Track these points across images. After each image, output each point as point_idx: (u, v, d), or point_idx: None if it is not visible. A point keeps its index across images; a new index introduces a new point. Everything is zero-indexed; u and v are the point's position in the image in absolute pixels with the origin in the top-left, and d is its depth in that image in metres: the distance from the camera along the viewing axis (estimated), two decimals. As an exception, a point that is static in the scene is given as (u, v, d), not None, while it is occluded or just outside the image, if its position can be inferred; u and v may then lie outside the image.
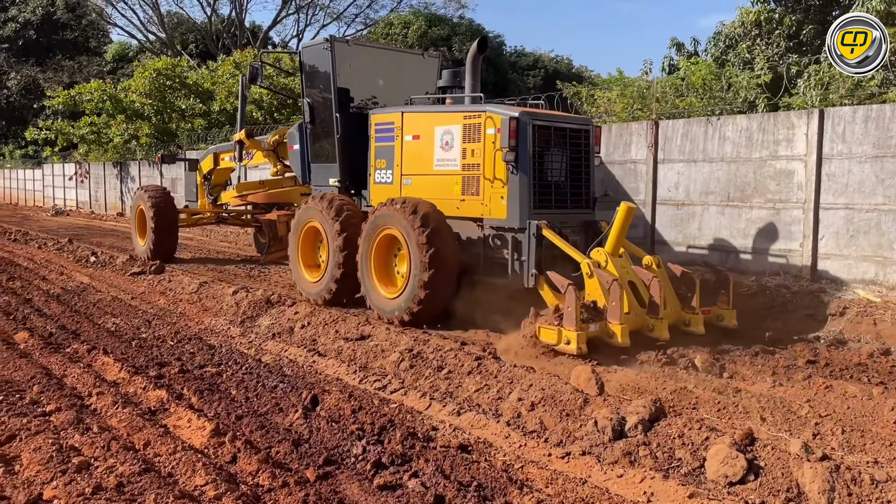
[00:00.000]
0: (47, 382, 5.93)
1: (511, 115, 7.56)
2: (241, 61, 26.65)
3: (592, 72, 52.31)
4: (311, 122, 9.98)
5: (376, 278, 8.34)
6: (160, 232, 12.73)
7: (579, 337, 6.34)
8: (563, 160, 8.13)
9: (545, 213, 7.78)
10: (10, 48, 41.67)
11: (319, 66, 9.84)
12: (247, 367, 6.64)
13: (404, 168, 8.82)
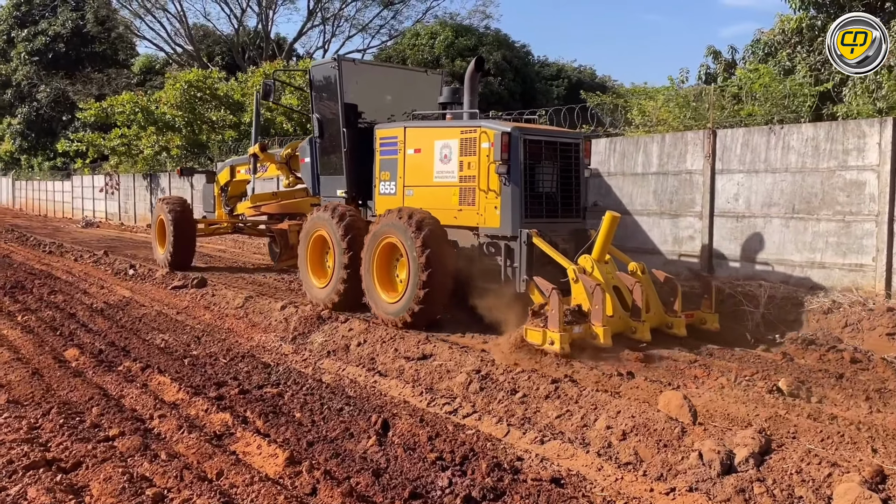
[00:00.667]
0: (106, 404, 5.71)
1: (503, 130, 7.99)
2: (271, 72, 26.70)
3: (616, 81, 52.05)
4: (320, 137, 10.46)
5: (378, 284, 8.73)
6: (178, 240, 13.24)
7: (562, 338, 6.74)
8: (553, 172, 8.54)
9: (536, 222, 8.17)
10: (40, 61, 42.09)
11: (328, 83, 10.30)
12: (307, 387, 6.39)
13: (407, 180, 9.29)
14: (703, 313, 8.16)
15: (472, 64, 9.38)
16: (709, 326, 8.06)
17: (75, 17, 41.45)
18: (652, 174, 10.99)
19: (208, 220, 14.56)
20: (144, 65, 43.71)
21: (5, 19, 44.24)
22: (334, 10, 43.97)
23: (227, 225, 14.43)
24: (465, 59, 37.66)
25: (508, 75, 38.04)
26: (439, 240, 8.15)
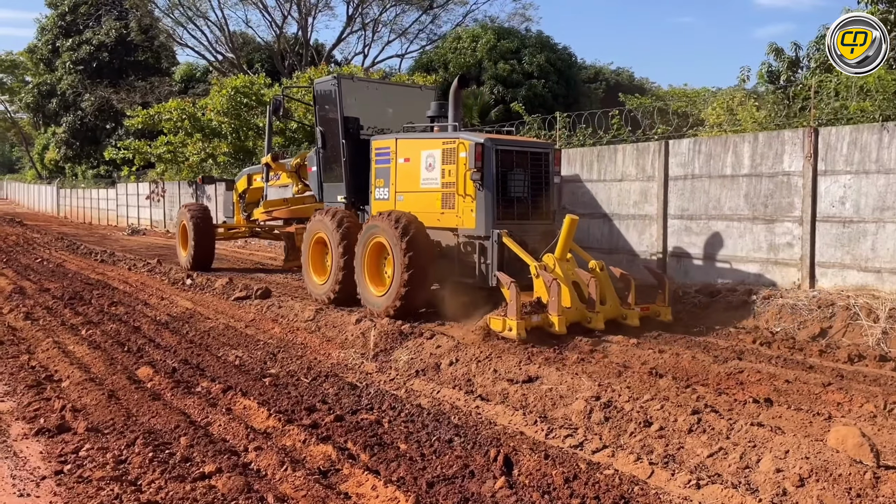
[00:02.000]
0: (193, 433, 5.20)
1: (477, 141, 8.96)
2: (316, 77, 26.41)
3: (654, 84, 51.00)
4: (323, 148, 11.30)
5: (368, 279, 9.66)
6: (199, 244, 14.38)
7: (519, 325, 7.58)
8: (525, 179, 9.40)
9: (508, 223, 9.05)
10: (85, 70, 42.49)
11: (329, 98, 11.18)
12: (405, 413, 5.81)
13: (398, 186, 10.20)
14: (658, 306, 9.10)
15: (455, 81, 10.19)
16: (663, 318, 8.97)
17: (119, 26, 41.77)
18: (743, 176, 10.25)
19: (227, 224, 15.82)
20: (186, 73, 43.89)
21: (50, 29, 44.81)
22: (373, 16, 43.72)
23: (245, 229, 15.54)
24: (507, 61, 37.06)
25: (552, 78, 37.32)
26: (421, 240, 9.04)
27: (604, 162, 12.25)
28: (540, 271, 8.32)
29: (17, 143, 79.38)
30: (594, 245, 12.39)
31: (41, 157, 54.78)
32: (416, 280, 8.90)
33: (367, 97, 11.64)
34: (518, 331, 7.55)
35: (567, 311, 8.13)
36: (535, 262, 8.43)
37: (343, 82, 10.99)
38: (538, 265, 8.41)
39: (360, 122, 11.03)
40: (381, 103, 11.90)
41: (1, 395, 6.43)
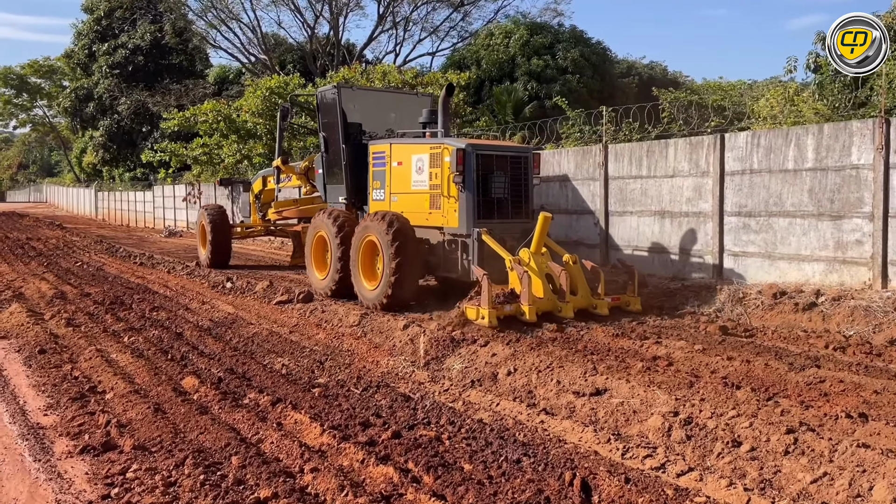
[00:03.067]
0: (245, 452, 4.90)
1: (459, 147, 9.59)
2: (350, 77, 26.20)
3: (688, 77, 49.93)
4: (326, 152, 11.95)
5: (362, 275, 10.28)
6: (216, 243, 15.40)
7: (490, 314, 8.23)
8: (505, 180, 10.02)
9: (489, 222, 9.68)
10: (121, 74, 42.91)
11: (330, 106, 11.79)
12: (466, 429, 5.45)
13: (392, 188, 10.86)
14: (628, 297, 9.67)
15: (444, 90, 10.75)
16: (632, 308, 9.53)
17: (153, 29, 42.08)
18: (807, 170, 9.69)
19: (244, 223, 16.85)
20: (219, 75, 44.11)
21: (87, 34, 45.36)
22: (404, 15, 43.45)
23: (261, 228, 16.52)
24: (540, 57, 36.50)
25: (587, 73, 36.66)
26: (407, 237, 9.69)
27: (654, 157, 11.75)
28: (514, 265, 8.86)
29: (55, 148, 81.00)
30: (643, 245, 11.92)
31: (79, 160, 55.65)
32: (404, 275, 9.55)
33: (370, 103, 12.61)
34: (490, 319, 8.21)
35: (539, 301, 8.74)
36: (509, 257, 8.99)
37: (343, 91, 11.78)
38: (513, 259, 8.95)
39: (364, 126, 11.74)
40: (383, 109, 12.70)
41: (44, 408, 6.22)
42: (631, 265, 10.22)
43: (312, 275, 11.67)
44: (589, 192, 12.89)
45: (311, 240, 11.69)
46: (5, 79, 66.35)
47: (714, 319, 9.13)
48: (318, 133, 12.35)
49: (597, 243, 12.74)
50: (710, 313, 9.47)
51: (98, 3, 44.13)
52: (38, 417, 5.98)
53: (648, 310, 9.64)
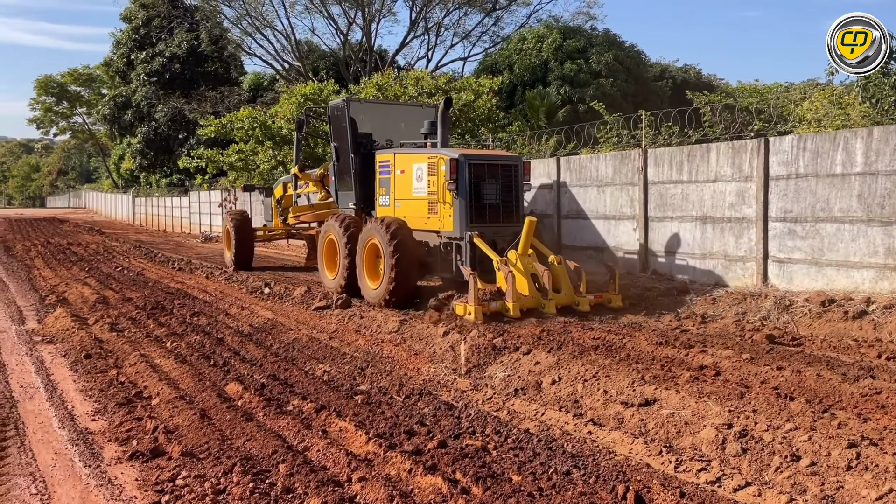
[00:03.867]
0: (292, 460, 4.89)
1: (452, 157, 10.33)
2: (384, 83, 26.30)
3: (722, 80, 49.22)
4: (337, 160, 12.81)
5: (366, 274, 11.06)
6: (239, 245, 16.54)
7: (477, 310, 8.95)
8: (496, 187, 10.71)
9: (481, 226, 10.39)
10: (158, 81, 43.66)
11: (340, 118, 12.58)
12: (512, 438, 5.38)
13: (396, 194, 11.63)
14: (609, 295, 10.26)
15: (442, 103, 11.56)
16: (614, 304, 10.13)
17: (190, 37, 42.75)
18: (856, 175, 9.44)
19: (267, 227, 17.78)
20: (253, 82, 44.63)
21: (125, 43, 46.25)
22: (436, 20, 43.53)
23: (282, 231, 17.46)
24: (573, 61, 36.27)
25: (621, 76, 36.34)
26: (405, 240, 10.35)
27: (695, 162, 11.56)
28: (500, 265, 9.58)
29: (94, 154, 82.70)
30: (685, 250, 11.72)
31: (117, 166, 56.77)
32: (402, 275, 10.22)
33: (380, 115, 13.68)
34: (476, 315, 8.93)
35: (523, 299, 9.44)
36: (497, 258, 9.69)
37: (354, 103, 12.78)
38: (500, 260, 9.65)
39: (375, 136, 12.60)
40: (393, 120, 13.55)
41: (92, 413, 6.30)
42: (612, 265, 10.82)
43: (324, 275, 12.55)
44: (627, 198, 12.73)
45: (322, 243, 12.55)
46: (46, 87, 67.91)
47: (760, 328, 8.92)
48: (331, 143, 13.24)
49: (635, 249, 12.57)
50: (756, 321, 9.26)
51: (136, 12, 44.99)
52: (87, 422, 6.04)
53: (686, 318, 9.47)
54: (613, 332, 8.50)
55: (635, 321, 9.43)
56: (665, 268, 12.07)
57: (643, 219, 12.37)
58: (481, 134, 23.09)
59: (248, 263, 16.74)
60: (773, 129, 11.49)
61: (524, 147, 17.63)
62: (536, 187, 14.63)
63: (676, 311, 10.05)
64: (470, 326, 8.69)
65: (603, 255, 13.25)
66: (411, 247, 10.43)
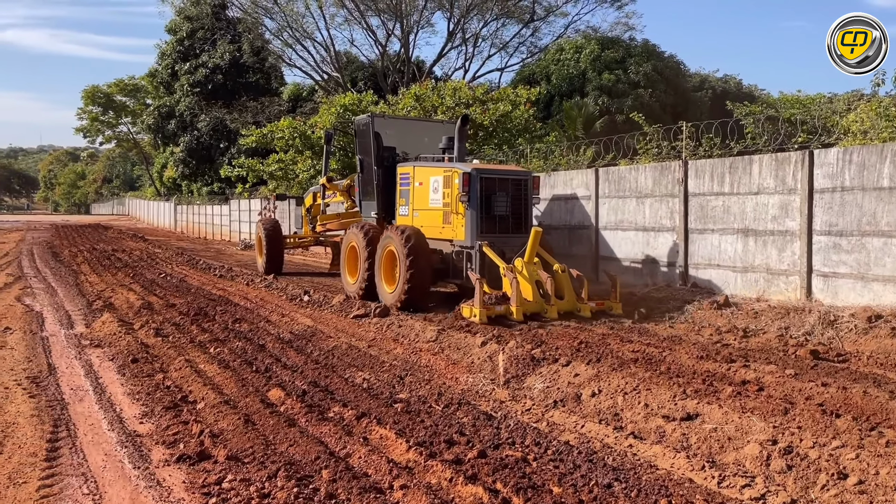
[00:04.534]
0: (335, 466, 4.96)
1: (465, 171, 11.03)
2: (422, 94, 26.51)
3: (763, 91, 48.47)
4: (361, 172, 13.70)
5: (383, 279, 11.71)
6: (270, 252, 17.44)
7: (481, 312, 9.64)
8: (507, 200, 11.38)
9: (491, 236, 11.08)
10: (201, 92, 44.63)
11: (365, 133, 13.41)
12: (552, 450, 5.38)
13: (414, 205, 12.35)
14: (611, 302, 10.83)
15: (459, 119, 12.25)
16: (614, 311, 10.70)
17: (232, 49, 43.64)
18: (904, 188, 9.25)
19: (297, 235, 19.01)
20: (293, 92, 45.36)
21: (170, 54, 47.39)
22: (473, 31, 43.70)
23: (311, 239, 18.38)
24: (611, 71, 36.12)
25: (660, 87, 36.07)
26: (420, 248, 11.02)
27: (737, 173, 11.43)
28: (506, 272, 10.19)
29: (137, 162, 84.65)
30: (726, 263, 11.58)
31: (160, 175, 58.06)
32: (416, 280, 10.87)
33: (405, 130, 14.37)
34: (480, 317, 9.64)
35: (526, 303, 10.05)
36: (503, 265, 10.33)
37: (376, 119, 13.45)
38: (506, 267, 10.27)
39: (399, 150, 13.25)
40: (416, 134, 14.26)
41: (140, 416, 6.46)
42: (614, 275, 11.30)
43: (345, 279, 13.23)
44: (667, 209, 12.63)
45: (344, 249, 13.26)
46: (93, 97, 69.81)
47: (804, 343, 8.77)
48: (356, 156, 14.12)
49: (675, 261, 12.45)
50: (800, 336, 9.11)
51: (181, 24, 46.09)
52: (135, 425, 6.21)
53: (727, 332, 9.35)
54: (653, 345, 8.44)
55: (675, 334, 9.35)
56: (705, 280, 11.93)
57: (683, 231, 12.26)
58: (518, 144, 23.11)
59: (279, 269, 17.59)
60: (817, 140, 11.31)
61: (561, 158, 17.60)
62: (575, 198, 14.61)
63: (717, 324, 9.93)
64: (508, 337, 8.72)
65: (641, 268, 13.15)
66: (425, 254, 11.08)
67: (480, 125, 24.75)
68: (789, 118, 13.71)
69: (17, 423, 6.22)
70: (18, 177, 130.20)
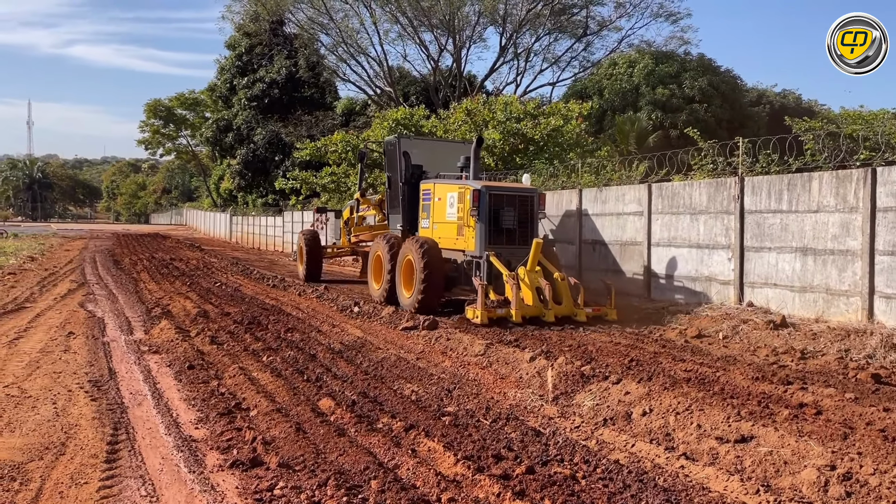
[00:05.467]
0: (384, 477, 5.01)
1: (475, 188, 12.20)
2: (473, 108, 26.65)
3: (824, 106, 47.17)
4: (389, 188, 15.28)
5: (402, 285, 12.90)
6: (310, 261, 19.09)
7: (482, 314, 10.78)
8: (514, 215, 12.48)
9: (498, 247, 12.10)
10: (258, 106, 45.77)
11: (393, 152, 14.84)
12: (601, 468, 5.33)
13: (434, 218, 13.59)
14: (607, 309, 11.73)
15: (475, 140, 13.72)
16: (610, 317, 11.62)
17: (288, 64, 44.67)
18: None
19: (336, 245, 20.61)
20: (346, 106, 46.10)
21: (229, 69, 48.79)
22: (526, 46, 43.74)
23: (348, 249, 19.78)
24: (666, 86, 35.70)
25: (716, 102, 35.51)
26: (434, 258, 12.14)
27: (795, 191, 11.16)
28: (508, 278, 11.26)
29: (195, 174, 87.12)
30: (782, 282, 11.29)
31: (217, 186, 59.65)
32: (430, 287, 11.99)
33: (431, 149, 15.73)
34: (482, 318, 10.77)
35: (526, 307, 11.13)
36: (507, 272, 11.41)
37: (402, 140, 14.97)
38: (508, 274, 11.33)
39: (427, 168, 14.34)
40: (443, 153, 15.36)
41: (195, 421, 6.63)
42: (610, 283, 12.21)
43: (371, 285, 14.63)
44: (722, 226, 12.40)
45: (371, 258, 14.64)
46: (155, 111, 72.32)
47: (865, 366, 8.47)
48: (385, 173, 15.56)
49: (730, 279, 12.19)
50: (860, 359, 8.81)
51: (240, 40, 47.42)
52: (190, 430, 6.38)
53: (784, 353, 9.10)
54: (707, 364, 8.28)
55: (729, 354, 9.16)
56: (761, 300, 11.65)
57: (738, 248, 12.01)
58: (570, 159, 23.01)
59: (318, 276, 19.12)
60: (880, 158, 10.97)
61: (613, 173, 17.46)
62: (627, 214, 14.46)
63: (773, 345, 9.68)
64: (557, 353, 8.67)
65: (695, 285, 12.92)
66: (438, 262, 12.19)
67: (531, 139, 24.72)
68: (851, 134, 13.31)
69: (79, 425, 6.45)
70: (83, 187, 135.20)
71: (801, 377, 7.83)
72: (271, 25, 44.36)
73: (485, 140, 17.98)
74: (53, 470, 5.34)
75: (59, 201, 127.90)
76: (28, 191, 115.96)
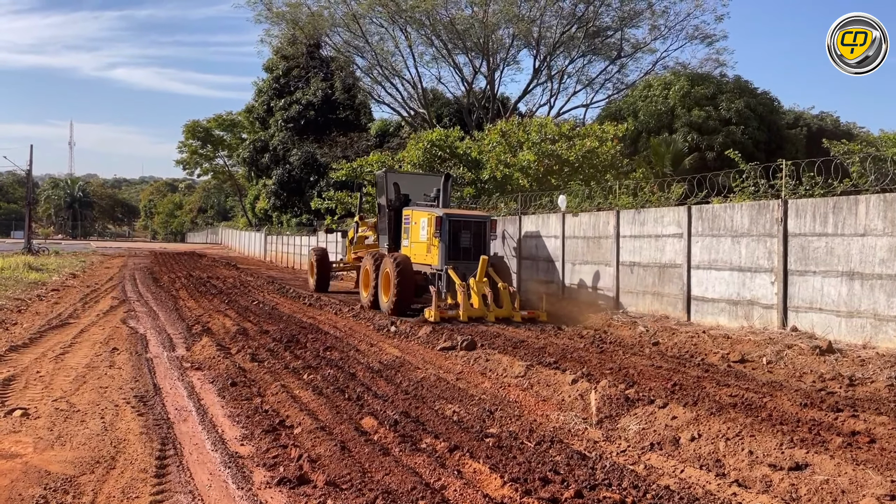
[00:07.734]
0: (430, 497, 4.99)
1: (437, 215, 15.53)
2: (507, 129, 26.75)
3: (863, 129, 46.36)
4: (379, 213, 19.01)
5: (382, 293, 16.02)
6: (319, 274, 22.63)
7: (435, 313, 13.89)
8: (470, 236, 15.80)
9: (456, 262, 15.42)
10: (294, 127, 46.49)
11: (381, 183, 18.83)
12: (651, 494, 5.24)
13: (411, 238, 16.75)
14: (538, 312, 14.86)
15: (443, 177, 17.50)
16: (541, 319, 14.65)
17: (325, 86, 45.36)
18: None
19: (342, 260, 24.22)
20: (380, 128, 46.60)
21: (266, 91, 49.70)
22: (559, 68, 43.83)
23: (352, 264, 22.39)
24: (702, 108, 35.42)
25: (752, 124, 35.09)
26: (405, 270, 15.34)
27: (841, 214, 10.97)
28: (459, 287, 14.44)
29: (231, 194, 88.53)
30: (828, 307, 11.07)
31: (252, 206, 60.43)
32: (401, 293, 15.22)
33: (415, 180, 19.08)
34: (435, 317, 13.82)
35: (472, 309, 14.35)
36: (459, 281, 14.64)
37: (389, 174, 18.47)
38: (460, 283, 14.54)
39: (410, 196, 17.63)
40: (426, 184, 18.32)
41: (240, 438, 6.69)
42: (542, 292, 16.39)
43: (361, 293, 17.66)
44: (764, 249, 12.22)
45: (361, 271, 17.72)
46: (193, 131, 73.78)
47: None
48: (376, 200, 19.21)
49: (773, 304, 11.99)
50: (914, 387, 8.57)
51: (277, 63, 48.31)
52: (236, 447, 6.42)
53: (832, 380, 8.87)
54: (752, 390, 8.14)
55: (775, 380, 8.98)
56: (805, 324, 11.42)
57: (782, 272, 11.81)
58: (605, 180, 22.92)
59: (326, 288, 22.61)
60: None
61: (651, 195, 17.33)
62: (666, 236, 14.33)
63: (819, 371, 9.47)
64: (599, 376, 8.58)
65: (736, 308, 12.71)
66: (409, 274, 15.39)
67: (566, 161, 24.71)
68: (893, 157, 13.05)
69: (127, 440, 6.54)
70: (122, 206, 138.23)
71: (851, 404, 7.64)
72: (308, 48, 45.13)
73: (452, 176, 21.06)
74: (105, 484, 5.41)
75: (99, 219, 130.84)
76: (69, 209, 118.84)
